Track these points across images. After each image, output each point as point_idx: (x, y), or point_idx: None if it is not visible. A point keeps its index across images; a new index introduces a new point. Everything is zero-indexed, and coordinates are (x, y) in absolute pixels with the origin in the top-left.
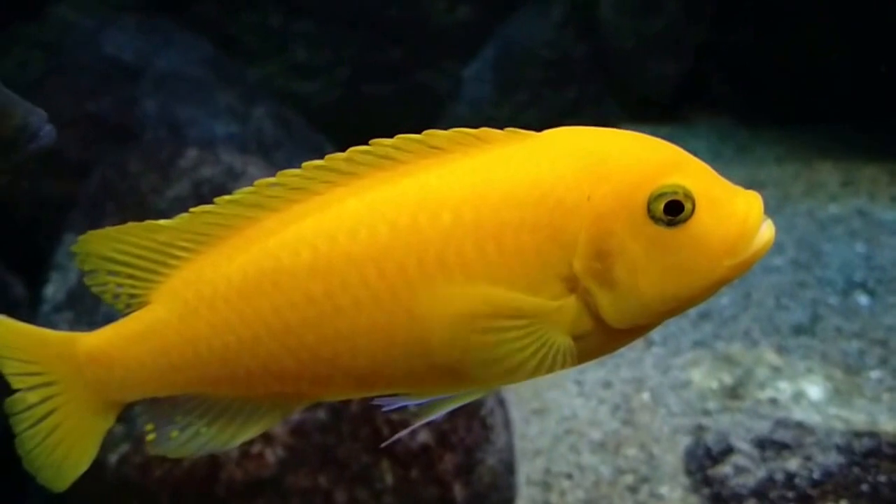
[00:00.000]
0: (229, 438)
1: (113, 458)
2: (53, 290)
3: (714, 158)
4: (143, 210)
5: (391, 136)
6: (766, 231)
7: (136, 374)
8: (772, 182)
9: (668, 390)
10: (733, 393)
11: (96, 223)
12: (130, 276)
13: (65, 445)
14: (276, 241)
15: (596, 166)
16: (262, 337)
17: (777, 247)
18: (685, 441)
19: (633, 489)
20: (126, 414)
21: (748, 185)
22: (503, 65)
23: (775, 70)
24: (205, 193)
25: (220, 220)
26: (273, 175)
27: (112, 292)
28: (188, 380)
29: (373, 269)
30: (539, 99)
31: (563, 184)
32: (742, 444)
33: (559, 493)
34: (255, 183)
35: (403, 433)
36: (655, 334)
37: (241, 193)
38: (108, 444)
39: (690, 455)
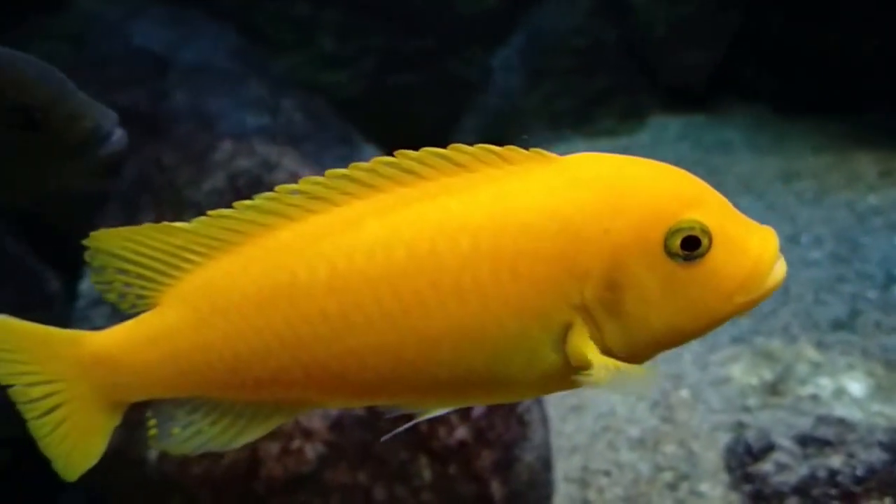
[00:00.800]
0: (231, 439)
1: (153, 454)
2: (89, 285)
3: (749, 149)
4: (180, 203)
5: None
6: (779, 269)
7: (142, 377)
8: (808, 173)
9: (708, 386)
10: (774, 389)
11: (132, 217)
12: (140, 277)
13: (71, 439)
14: (293, 256)
15: (616, 199)
16: (273, 348)
17: (816, 240)
18: (725, 438)
19: (672, 486)
20: None
21: (785, 176)
22: (532, 53)
23: (810, 58)
24: (241, 186)
25: (236, 225)
26: (307, 167)
27: (118, 291)
28: (195, 384)
29: (388, 289)
30: (569, 88)
31: (583, 216)
32: (783, 441)
33: (597, 490)
34: (277, 188)
35: (402, 428)
36: None
37: (260, 199)
38: (147, 441)
39: (731, 452)
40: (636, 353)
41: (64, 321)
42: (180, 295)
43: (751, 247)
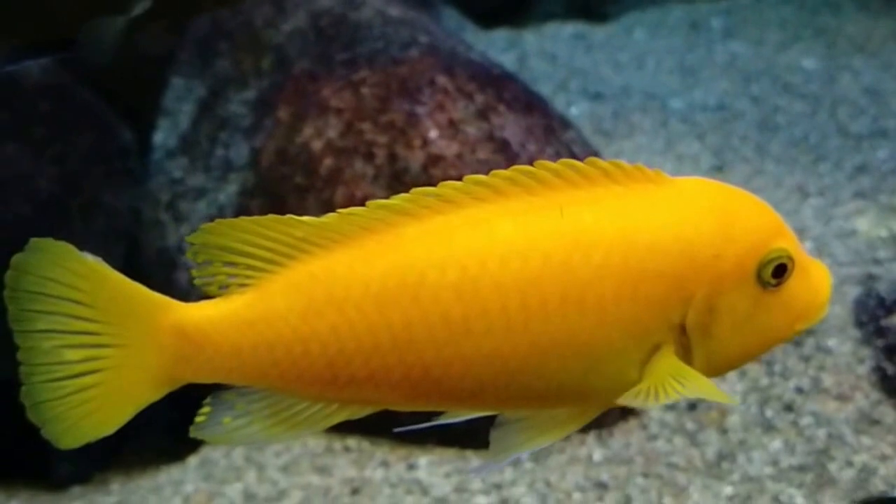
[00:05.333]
0: (278, 434)
1: None
2: (164, 136)
3: (859, 9)
4: (259, 46)
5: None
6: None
7: (227, 361)
8: None
9: (833, 239)
10: None
11: (208, 64)
12: (249, 268)
13: (92, 405)
14: (421, 255)
15: (727, 227)
16: (381, 347)
17: None
18: (854, 291)
19: (796, 342)
20: None
21: None
22: None
23: None
24: (324, 25)
25: (364, 223)
26: (393, 5)
27: (220, 283)
28: (283, 376)
29: (516, 299)
30: None
31: (701, 241)
32: None
33: None
34: (413, 191)
35: (423, 426)
36: (811, 186)
37: (396, 200)
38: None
39: (861, 305)
40: (710, 374)
41: (140, 173)
42: (292, 282)
43: (817, 279)
